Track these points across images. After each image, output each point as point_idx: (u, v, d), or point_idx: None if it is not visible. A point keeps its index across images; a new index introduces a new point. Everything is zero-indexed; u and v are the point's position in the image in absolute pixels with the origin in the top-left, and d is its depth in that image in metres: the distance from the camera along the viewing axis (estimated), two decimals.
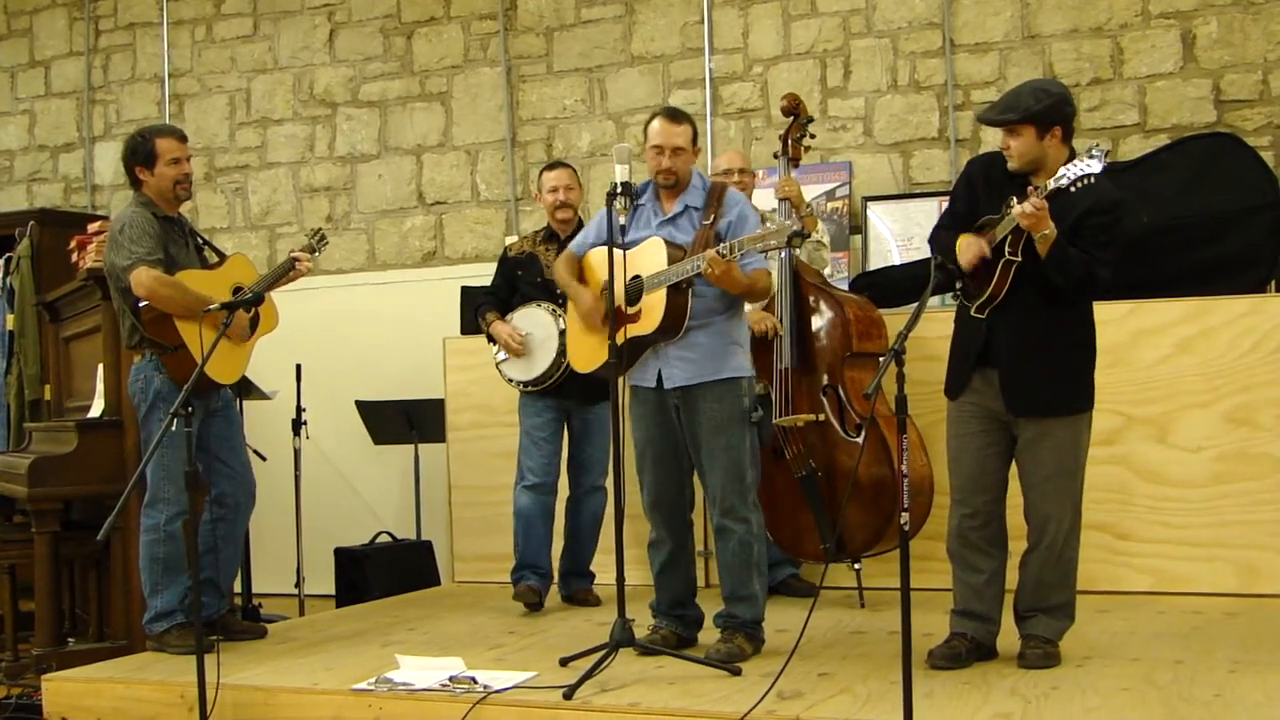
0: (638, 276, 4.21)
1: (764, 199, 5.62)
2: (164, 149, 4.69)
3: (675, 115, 4.37)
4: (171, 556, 4.63)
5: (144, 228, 4.59)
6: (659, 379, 4.25)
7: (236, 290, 4.67)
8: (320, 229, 5.24)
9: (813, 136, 5.45)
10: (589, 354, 4.44)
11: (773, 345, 5.14)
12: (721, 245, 4.08)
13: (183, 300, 4.52)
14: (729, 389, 4.23)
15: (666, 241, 4.24)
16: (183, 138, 4.80)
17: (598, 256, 4.44)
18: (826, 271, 5.48)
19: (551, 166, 5.60)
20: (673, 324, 4.17)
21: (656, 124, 4.33)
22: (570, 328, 4.63)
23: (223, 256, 4.91)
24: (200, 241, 4.91)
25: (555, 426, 5.43)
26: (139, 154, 4.70)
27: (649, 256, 4.23)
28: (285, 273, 4.87)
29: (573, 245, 4.66)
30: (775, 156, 5.41)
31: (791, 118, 5.36)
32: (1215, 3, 6.18)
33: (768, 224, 4.11)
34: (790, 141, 5.33)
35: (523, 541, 5.37)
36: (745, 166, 5.47)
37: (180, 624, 4.64)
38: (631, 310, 4.23)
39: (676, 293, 4.16)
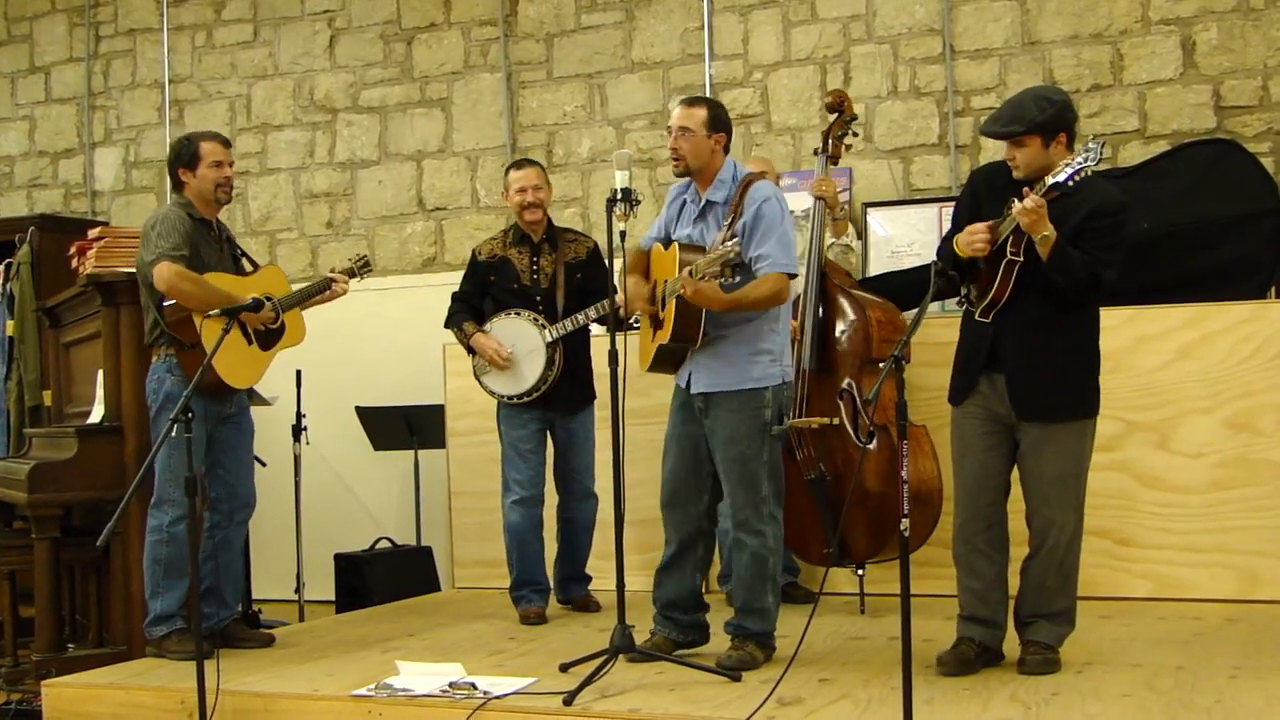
0: (666, 281, 4.20)
1: (796, 201, 5.42)
2: (207, 151, 4.79)
3: (689, 100, 4.34)
4: (173, 559, 4.64)
5: (174, 224, 4.65)
6: (688, 381, 4.23)
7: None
8: (365, 256, 5.26)
9: (855, 135, 5.38)
10: (644, 353, 4.40)
11: (794, 345, 5.11)
12: (691, 265, 4.01)
13: (203, 296, 4.56)
14: (748, 400, 4.13)
15: (681, 246, 4.20)
16: (226, 143, 4.89)
17: (657, 252, 4.38)
18: None
19: (518, 165, 5.42)
20: (685, 333, 4.12)
21: (673, 107, 4.32)
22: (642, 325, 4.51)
23: (257, 266, 4.97)
24: (238, 252, 4.96)
25: (540, 438, 5.37)
26: (183, 156, 4.80)
27: (671, 263, 4.20)
28: (319, 291, 4.94)
29: (643, 240, 4.52)
30: (815, 153, 5.34)
31: (835, 114, 5.27)
32: (1215, 9, 6.18)
33: (723, 244, 3.96)
34: (831, 139, 5.25)
35: (518, 559, 5.33)
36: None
37: (180, 629, 4.65)
38: (663, 315, 4.20)
39: (686, 302, 4.08)
